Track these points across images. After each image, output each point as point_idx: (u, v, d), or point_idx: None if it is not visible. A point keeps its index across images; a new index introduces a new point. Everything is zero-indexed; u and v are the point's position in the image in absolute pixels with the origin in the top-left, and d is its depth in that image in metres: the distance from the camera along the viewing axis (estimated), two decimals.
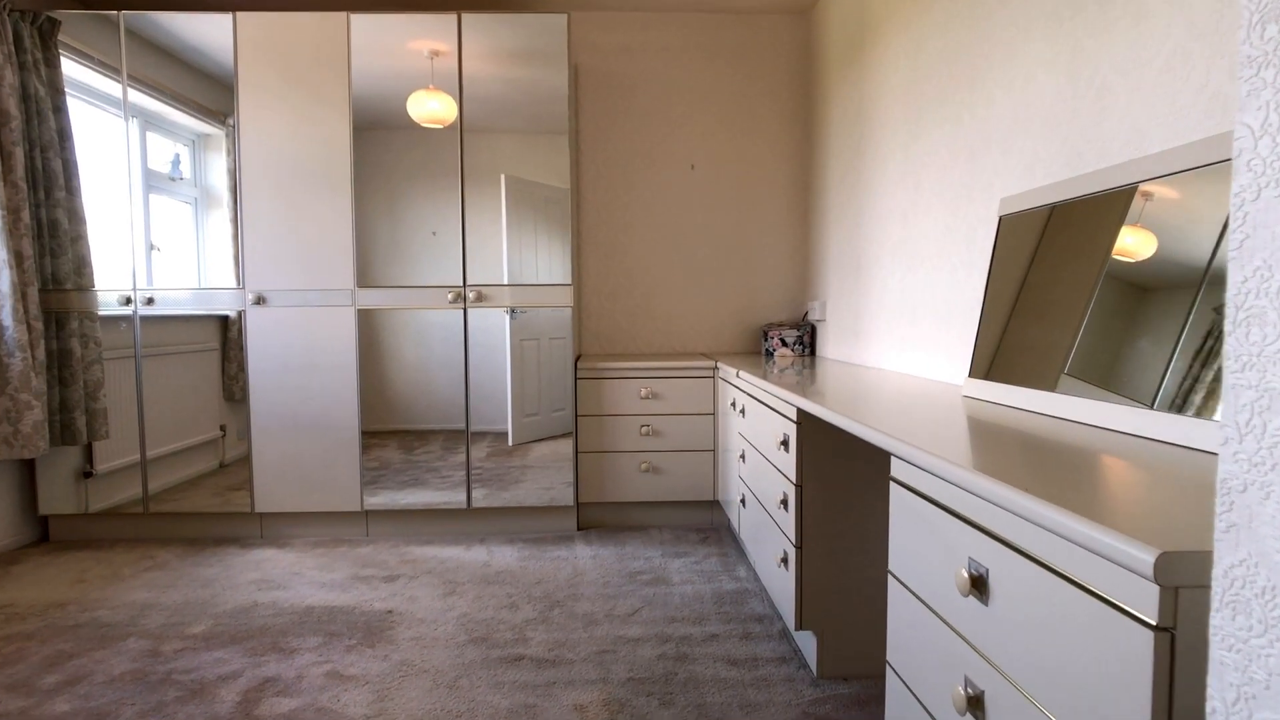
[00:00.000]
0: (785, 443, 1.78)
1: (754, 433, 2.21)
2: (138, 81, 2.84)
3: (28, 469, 2.93)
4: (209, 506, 2.91)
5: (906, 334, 2.24)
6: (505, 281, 2.84)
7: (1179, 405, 1.04)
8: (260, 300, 2.85)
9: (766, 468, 2.01)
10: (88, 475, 2.93)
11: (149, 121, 2.93)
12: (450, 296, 2.85)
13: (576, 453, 2.95)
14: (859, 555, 1.74)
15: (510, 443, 2.90)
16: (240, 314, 2.88)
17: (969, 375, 1.62)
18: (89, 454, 2.91)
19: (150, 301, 2.86)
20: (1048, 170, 1.53)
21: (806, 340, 3.17)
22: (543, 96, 2.84)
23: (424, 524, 2.96)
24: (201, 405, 2.92)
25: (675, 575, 2.49)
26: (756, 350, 3.45)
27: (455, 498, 2.90)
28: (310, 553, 2.78)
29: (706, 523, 3.05)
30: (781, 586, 1.86)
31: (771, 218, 3.42)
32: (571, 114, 3.00)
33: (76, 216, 2.87)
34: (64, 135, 2.84)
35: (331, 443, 2.89)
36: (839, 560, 1.73)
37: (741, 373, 2.37)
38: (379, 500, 2.89)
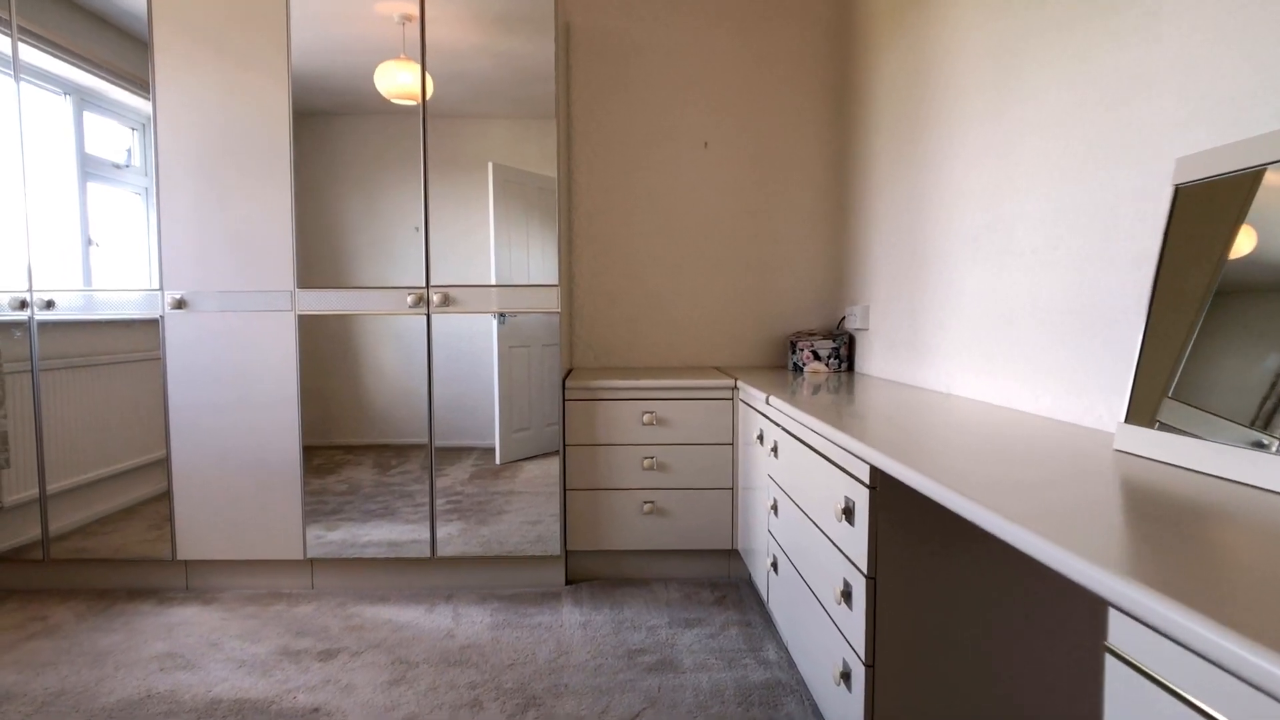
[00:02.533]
0: (849, 511, 1.25)
1: (793, 482, 1.68)
2: (58, 48, 2.32)
3: None
4: (129, 548, 2.40)
5: (994, 352, 1.71)
6: (493, 282, 2.32)
7: None
8: (181, 304, 2.34)
9: (815, 539, 1.48)
10: None
11: (85, 99, 2.41)
12: (410, 300, 2.33)
13: (564, 490, 2.42)
14: (961, 684, 1.20)
15: (498, 461, 2.38)
16: (160, 319, 2.36)
17: (1126, 420, 1.09)
18: None
19: (50, 305, 2.35)
20: (1273, 109, 0.99)
21: (843, 353, 2.64)
22: (532, 73, 2.33)
23: (381, 574, 2.44)
24: (146, 421, 2.40)
25: (686, 655, 1.96)
26: (782, 364, 2.92)
27: (423, 536, 2.38)
28: (239, 612, 2.27)
29: (723, 576, 2.52)
30: (839, 711, 1.33)
31: (801, 204, 2.89)
32: (561, 85, 2.48)
33: None
34: None
35: (268, 476, 2.37)
36: (930, 688, 1.20)
37: (773, 399, 1.84)
38: (337, 537, 2.37)
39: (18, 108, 2.33)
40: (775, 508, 1.85)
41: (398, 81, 2.36)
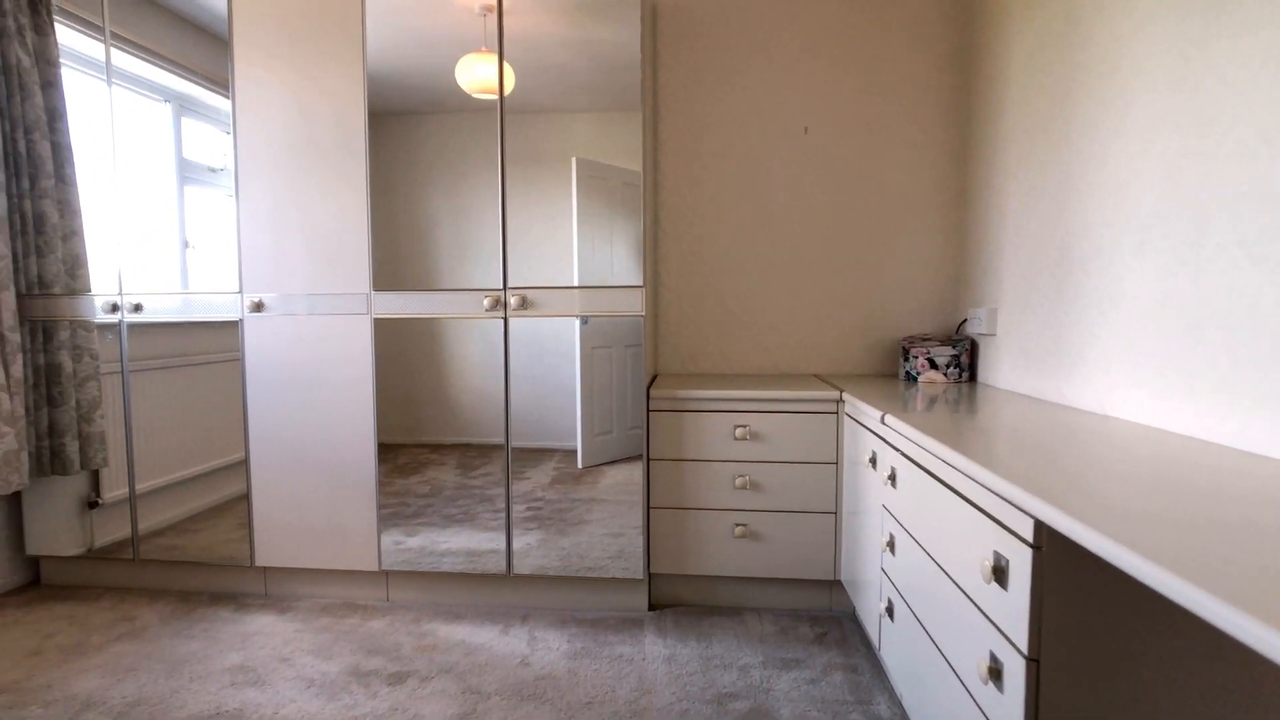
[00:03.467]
0: (1000, 572, 1.00)
1: (917, 519, 1.43)
2: (157, 56, 2.34)
3: (16, 501, 2.51)
4: (216, 548, 2.39)
5: (1171, 367, 1.39)
6: (575, 283, 2.17)
7: None
8: (259, 306, 2.30)
9: (948, 594, 1.23)
10: (93, 506, 2.47)
11: (184, 106, 2.43)
12: (487, 303, 2.20)
13: (648, 507, 2.24)
14: None
15: (580, 464, 2.24)
16: (239, 322, 2.34)
17: None
18: (96, 481, 2.45)
19: (138, 308, 2.37)
20: None
21: (964, 361, 2.33)
22: (616, 61, 2.16)
23: (457, 589, 2.33)
24: (231, 423, 2.39)
25: (784, 704, 1.73)
26: (891, 371, 2.63)
27: (503, 545, 2.26)
28: (314, 623, 2.21)
29: (823, 608, 2.27)
30: None
31: (915, 194, 2.58)
32: (647, 73, 2.29)
33: (70, 209, 2.41)
34: (55, 114, 2.39)
35: (344, 485, 2.31)
36: None
37: (892, 418, 1.59)
38: (416, 543, 2.29)
39: (110, 116, 2.35)
40: (891, 544, 1.60)
41: (478, 75, 2.23)
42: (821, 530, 2.17)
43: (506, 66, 2.18)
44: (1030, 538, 0.92)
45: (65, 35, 2.37)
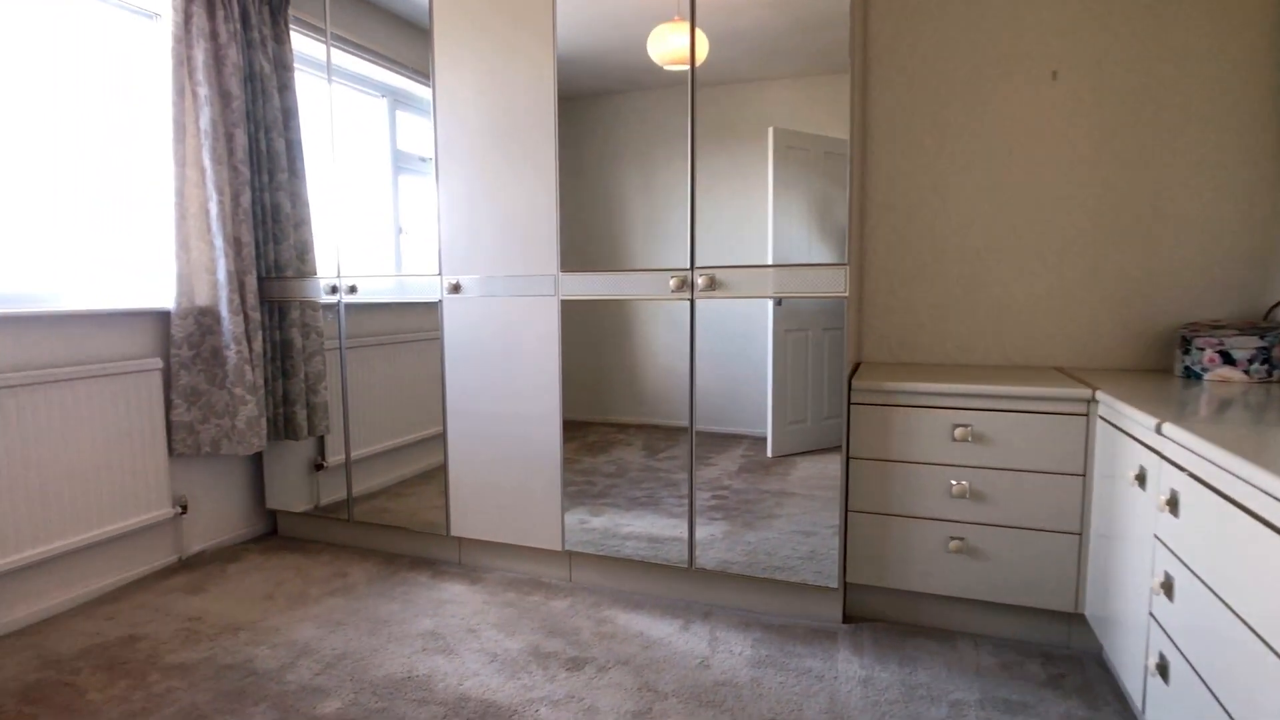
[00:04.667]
0: None
1: (1216, 561, 1.09)
2: (375, 54, 2.50)
3: (257, 461, 2.83)
4: (421, 514, 2.53)
5: None
6: (769, 261, 2.00)
7: None
8: (456, 288, 2.37)
9: (1274, 677, 0.90)
10: (318, 468, 2.73)
11: (398, 100, 2.58)
12: (673, 284, 2.08)
13: (846, 510, 2.00)
14: None
15: (769, 453, 2.07)
16: (439, 303, 2.42)
17: None
18: (321, 446, 2.71)
19: (353, 290, 2.54)
20: None
21: (1277, 356, 1.82)
22: (820, 18, 1.92)
23: (637, 576, 2.27)
24: (433, 398, 2.53)
25: None
26: (1160, 366, 2.14)
27: (684, 534, 2.16)
28: (500, 596, 2.25)
29: (1059, 644, 1.90)
30: None
31: (1200, 145, 2.06)
32: (857, 25, 2.01)
33: (299, 200, 2.65)
34: (289, 114, 2.63)
35: (531, 463, 2.32)
36: None
37: (1172, 427, 1.24)
38: (600, 523, 2.26)
39: (330, 113, 2.53)
40: (1168, 587, 1.25)
41: (669, 45, 2.11)
42: (1061, 553, 1.80)
43: (699, 34, 2.03)
44: None
45: (294, 40, 2.58)
